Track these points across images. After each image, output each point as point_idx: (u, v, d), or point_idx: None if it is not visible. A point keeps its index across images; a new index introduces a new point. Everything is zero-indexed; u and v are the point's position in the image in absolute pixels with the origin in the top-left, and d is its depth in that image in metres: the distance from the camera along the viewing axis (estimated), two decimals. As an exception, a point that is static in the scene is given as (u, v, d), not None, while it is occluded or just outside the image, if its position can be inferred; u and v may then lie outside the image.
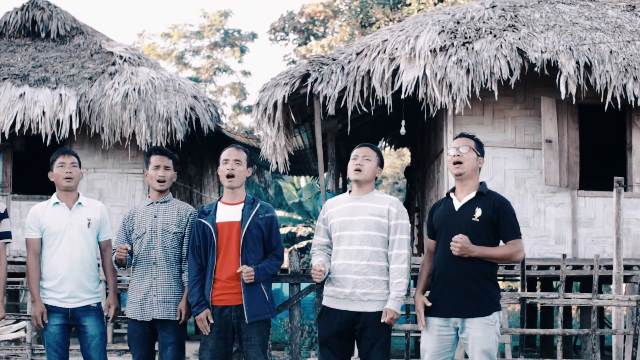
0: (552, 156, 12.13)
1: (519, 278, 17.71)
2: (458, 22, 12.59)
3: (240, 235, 6.06)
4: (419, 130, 15.72)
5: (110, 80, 15.20)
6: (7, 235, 6.49)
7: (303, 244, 29.50)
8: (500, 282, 6.80)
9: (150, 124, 14.50)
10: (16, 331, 11.98)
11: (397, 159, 37.60)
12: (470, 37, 12.17)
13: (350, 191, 6.21)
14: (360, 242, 5.94)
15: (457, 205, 5.84)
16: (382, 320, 5.84)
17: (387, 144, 19.47)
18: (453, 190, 5.95)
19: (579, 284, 16.61)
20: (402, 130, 13.08)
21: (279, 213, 30.76)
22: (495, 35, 12.18)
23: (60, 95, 14.71)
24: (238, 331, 6.07)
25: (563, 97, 11.69)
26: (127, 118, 14.53)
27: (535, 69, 11.76)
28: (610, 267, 10.57)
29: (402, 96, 11.83)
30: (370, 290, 5.89)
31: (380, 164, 6.13)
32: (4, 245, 6.44)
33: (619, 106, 11.83)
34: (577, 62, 11.68)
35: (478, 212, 5.74)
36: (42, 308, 6.30)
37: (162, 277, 6.31)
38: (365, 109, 12.16)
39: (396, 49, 12.04)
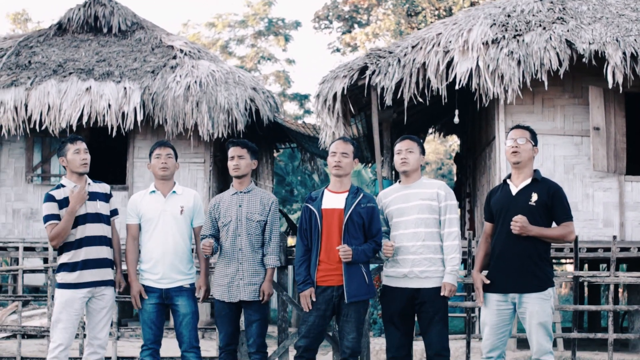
0: (600, 143, 12.45)
1: (564, 261, 18.12)
2: (509, 16, 12.91)
3: (342, 221, 6.44)
4: (469, 118, 15.98)
5: (172, 74, 15.42)
6: (116, 212, 7.03)
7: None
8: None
9: (212, 115, 14.75)
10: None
11: (441, 145, 37.69)
12: (520, 29, 12.48)
13: (399, 181, 6.70)
14: (415, 225, 6.44)
15: (514, 190, 6.33)
16: (441, 294, 6.36)
17: (436, 131, 19.76)
18: (509, 176, 6.44)
19: (624, 266, 16.88)
20: (456, 120, 13.50)
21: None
22: (544, 28, 12.48)
23: (125, 88, 14.98)
24: (338, 308, 6.48)
25: (610, 86, 11.97)
26: (190, 110, 14.78)
27: (583, 59, 12.06)
28: (657, 249, 10.96)
29: (457, 87, 12.19)
30: (427, 267, 6.40)
31: (422, 152, 6.64)
32: (114, 221, 6.99)
33: (665, 94, 12.11)
34: (624, 53, 11.94)
35: (534, 197, 6.22)
36: (139, 287, 6.80)
37: (248, 262, 6.75)
38: (420, 100, 12.50)
39: (450, 41, 12.42)
